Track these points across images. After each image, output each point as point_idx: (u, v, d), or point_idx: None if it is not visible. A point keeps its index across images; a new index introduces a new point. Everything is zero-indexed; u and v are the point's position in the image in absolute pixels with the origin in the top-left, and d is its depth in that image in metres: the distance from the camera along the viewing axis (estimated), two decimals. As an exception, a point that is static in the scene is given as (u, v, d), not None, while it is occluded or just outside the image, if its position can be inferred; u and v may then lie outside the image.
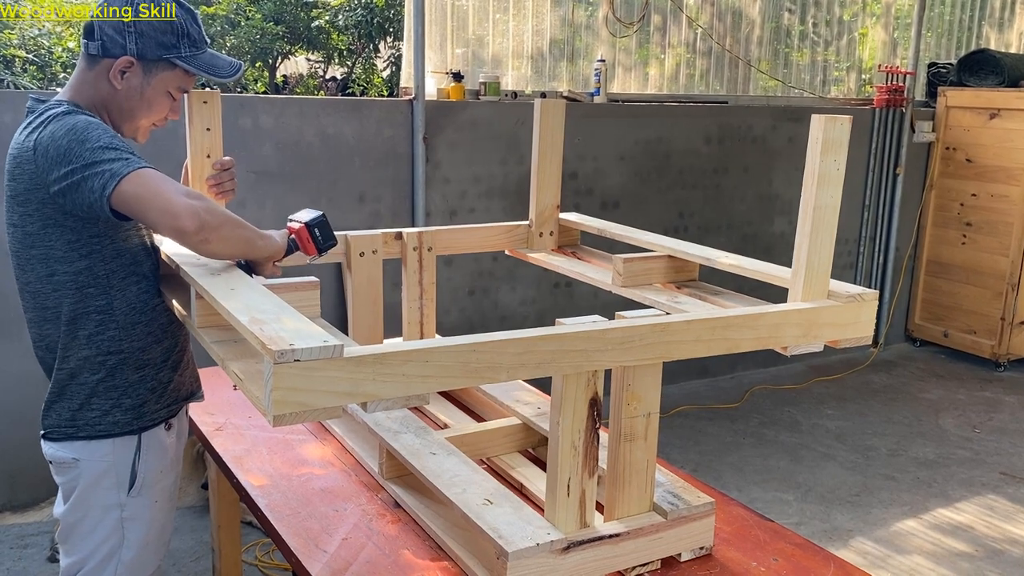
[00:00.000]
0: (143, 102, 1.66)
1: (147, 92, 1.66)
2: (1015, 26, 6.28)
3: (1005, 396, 5.03)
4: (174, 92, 1.69)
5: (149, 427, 1.73)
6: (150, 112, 1.68)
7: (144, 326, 1.69)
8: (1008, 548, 3.33)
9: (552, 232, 2.34)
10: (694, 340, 1.46)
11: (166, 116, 1.72)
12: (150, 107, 1.67)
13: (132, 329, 1.67)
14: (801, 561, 1.60)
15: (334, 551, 1.57)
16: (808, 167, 1.57)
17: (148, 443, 1.73)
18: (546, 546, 1.40)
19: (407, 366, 1.19)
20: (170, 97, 1.69)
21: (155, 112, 1.69)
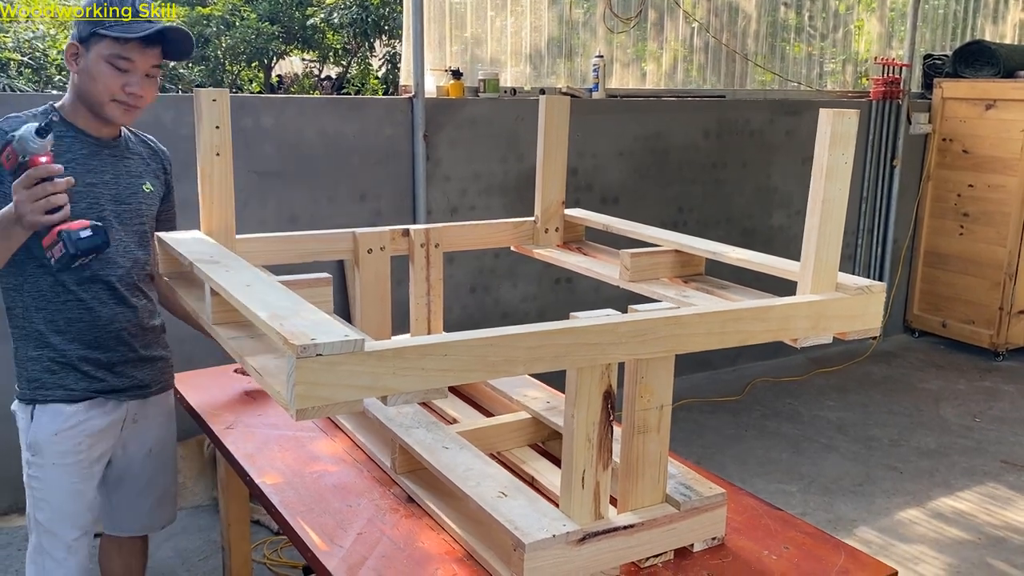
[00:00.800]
0: (90, 77, 1.83)
1: (91, 67, 1.83)
2: (1009, 17, 6.31)
3: (1004, 385, 5.06)
4: (113, 61, 1.81)
5: (42, 402, 1.95)
6: (96, 84, 1.83)
7: (47, 314, 1.92)
8: (1010, 535, 3.36)
9: (558, 228, 2.35)
10: (706, 333, 1.47)
11: (124, 88, 1.84)
12: (94, 79, 1.83)
13: (36, 313, 1.92)
14: (812, 549, 1.62)
15: (350, 546, 1.58)
16: (816, 161, 1.58)
17: (42, 412, 1.95)
18: (562, 537, 1.41)
19: (426, 360, 1.21)
20: (111, 67, 1.82)
21: (102, 84, 1.82)
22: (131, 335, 2.04)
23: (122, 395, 2.05)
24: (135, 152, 2.03)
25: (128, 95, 1.85)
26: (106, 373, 2.00)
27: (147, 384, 2.11)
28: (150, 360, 2.11)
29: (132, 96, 1.86)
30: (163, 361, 2.17)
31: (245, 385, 2.36)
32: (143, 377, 2.09)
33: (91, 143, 1.92)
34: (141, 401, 2.11)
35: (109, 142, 1.96)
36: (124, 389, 2.05)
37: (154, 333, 2.13)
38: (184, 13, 6.66)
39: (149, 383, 2.12)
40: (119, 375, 2.03)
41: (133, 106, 1.88)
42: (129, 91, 1.85)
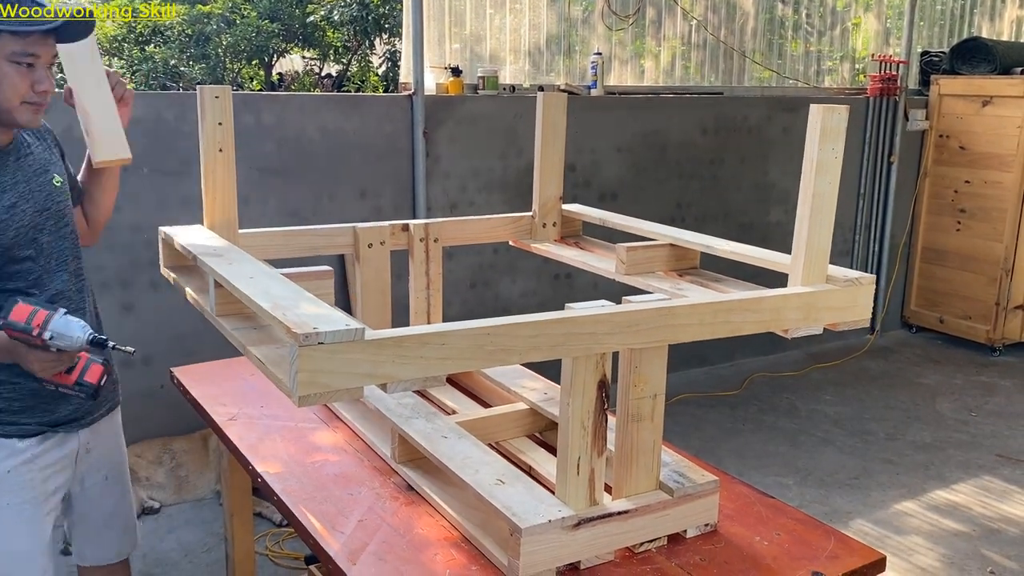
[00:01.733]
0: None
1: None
2: (1007, 14, 6.33)
3: (1001, 380, 5.10)
4: (17, 59, 1.63)
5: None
6: (3, 88, 1.64)
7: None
8: (1004, 527, 3.39)
9: (555, 223, 2.38)
10: (698, 323, 1.51)
11: (33, 88, 1.66)
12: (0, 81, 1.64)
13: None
14: (803, 535, 1.65)
15: (351, 532, 1.62)
16: (807, 155, 1.62)
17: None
18: (558, 522, 1.45)
19: (425, 349, 1.24)
20: (16, 65, 1.63)
21: (7, 86, 1.64)
22: None
23: (73, 425, 1.90)
24: (28, 143, 1.81)
25: (39, 94, 1.68)
26: (56, 404, 1.84)
27: (96, 407, 1.96)
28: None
29: (43, 95, 1.69)
30: (114, 380, 2.03)
31: (247, 377, 2.39)
32: (92, 401, 1.92)
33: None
34: (93, 427, 1.97)
35: (7, 148, 1.75)
36: (76, 419, 1.90)
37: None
38: (184, 11, 6.70)
39: (98, 405, 1.96)
40: (68, 403, 1.87)
41: (42, 105, 1.71)
42: (40, 89, 1.67)
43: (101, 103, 1.83)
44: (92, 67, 1.83)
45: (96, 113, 1.82)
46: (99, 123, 1.83)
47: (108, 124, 1.84)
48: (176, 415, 3.38)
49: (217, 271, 1.51)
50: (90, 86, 1.82)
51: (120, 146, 1.85)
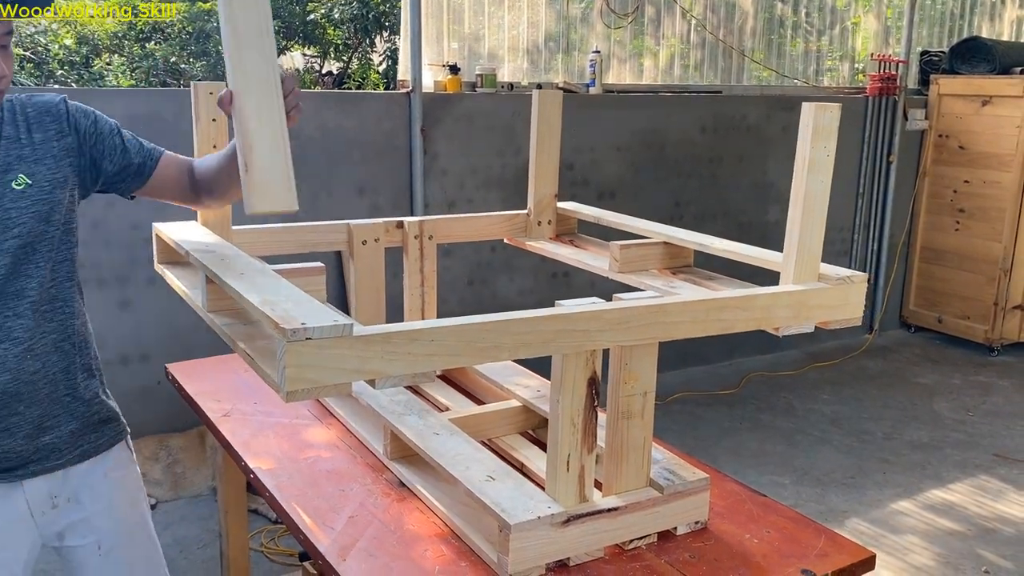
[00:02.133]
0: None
1: None
2: (1006, 15, 6.33)
3: (999, 380, 5.10)
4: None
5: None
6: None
7: None
8: (1000, 527, 3.40)
9: (550, 221, 2.39)
10: (689, 321, 1.51)
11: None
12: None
13: None
14: (793, 533, 1.66)
15: (341, 528, 1.62)
16: (799, 154, 1.62)
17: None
18: (547, 519, 1.45)
19: (413, 345, 1.24)
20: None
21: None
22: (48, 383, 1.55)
23: (8, 475, 1.54)
24: (2, 136, 1.49)
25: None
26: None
27: (57, 449, 1.58)
28: (70, 417, 1.60)
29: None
30: (96, 414, 1.65)
31: (241, 373, 2.40)
32: (51, 440, 1.57)
33: None
34: (61, 475, 1.60)
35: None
36: (11, 467, 1.55)
37: (75, 379, 1.60)
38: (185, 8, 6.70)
39: (61, 448, 1.59)
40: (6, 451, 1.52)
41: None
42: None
43: (271, 128, 1.35)
44: (264, 69, 1.36)
45: (262, 143, 1.34)
46: (264, 158, 1.34)
47: (275, 161, 1.35)
48: (173, 411, 3.39)
49: (208, 267, 1.51)
50: (260, 98, 1.34)
51: (285, 192, 1.35)
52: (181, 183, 1.68)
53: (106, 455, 1.68)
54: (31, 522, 1.59)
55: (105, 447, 1.68)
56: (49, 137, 1.52)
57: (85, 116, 1.58)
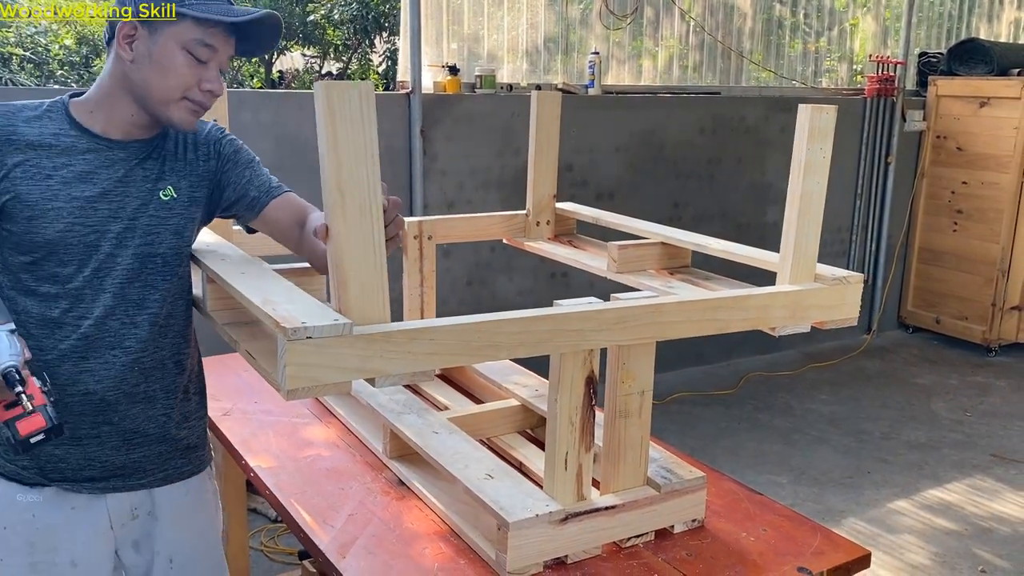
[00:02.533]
0: (155, 65, 1.42)
1: (156, 52, 1.42)
2: (1004, 16, 6.35)
3: (996, 380, 5.11)
4: (192, 49, 1.43)
5: (1, 476, 1.54)
6: (167, 76, 1.43)
7: None
8: (996, 527, 3.41)
9: (549, 221, 2.40)
10: (686, 320, 1.52)
11: (199, 84, 1.45)
12: (165, 69, 1.42)
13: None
14: (789, 532, 1.67)
15: (341, 526, 1.63)
16: (795, 155, 1.64)
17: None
18: (545, 517, 1.46)
19: (413, 343, 1.26)
20: (189, 56, 1.43)
21: (172, 75, 1.43)
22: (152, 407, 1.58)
23: (96, 484, 1.56)
24: (165, 148, 1.55)
25: (204, 93, 1.46)
26: (72, 451, 1.53)
27: (142, 468, 1.60)
28: (160, 438, 1.61)
29: (207, 95, 1.47)
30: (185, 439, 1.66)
31: (241, 373, 2.41)
32: (138, 458, 1.59)
33: (101, 145, 1.48)
34: (145, 493, 1.63)
35: (127, 144, 1.50)
36: (102, 477, 1.57)
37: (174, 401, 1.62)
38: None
39: (146, 467, 1.61)
40: (91, 459, 1.54)
41: (204, 107, 1.49)
42: (206, 87, 1.46)
43: (368, 260, 1.25)
44: (367, 197, 1.28)
45: (356, 282, 1.24)
46: (357, 298, 1.25)
47: (371, 290, 1.25)
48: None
49: (209, 266, 1.52)
50: (358, 231, 1.24)
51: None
52: (288, 231, 1.64)
53: (189, 480, 1.69)
54: (110, 534, 1.61)
55: (188, 474, 1.69)
56: (199, 157, 1.58)
57: (231, 144, 1.64)
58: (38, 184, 1.43)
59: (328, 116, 1.18)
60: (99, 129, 1.48)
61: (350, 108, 1.19)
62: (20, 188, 1.42)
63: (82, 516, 1.57)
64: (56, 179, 1.44)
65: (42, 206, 1.43)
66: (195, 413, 1.70)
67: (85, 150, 1.47)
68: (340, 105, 1.18)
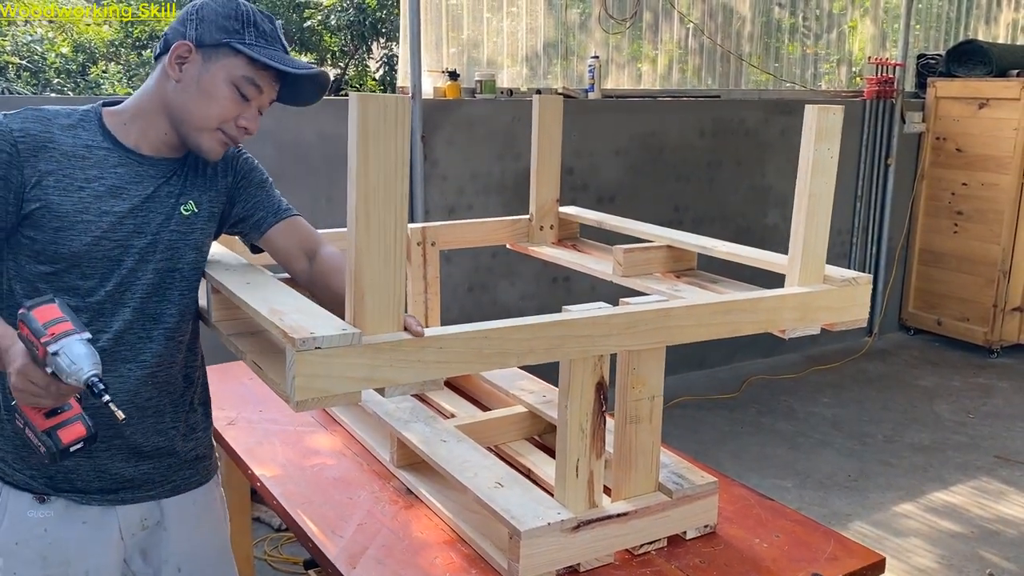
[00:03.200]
0: (200, 92, 1.44)
1: (204, 79, 1.44)
2: (1002, 18, 6.35)
3: (999, 382, 5.10)
4: (240, 85, 1.45)
5: (6, 483, 1.54)
6: (209, 104, 1.44)
7: None
8: (1002, 529, 3.40)
9: (552, 225, 2.39)
10: (696, 324, 1.51)
11: (236, 120, 1.48)
12: (209, 98, 1.44)
13: (2, 377, 1.41)
14: (802, 537, 1.65)
15: (350, 536, 1.62)
16: (802, 156, 1.62)
17: (7, 505, 1.53)
18: (557, 525, 1.45)
19: (422, 352, 1.24)
20: (235, 91, 1.45)
21: (215, 105, 1.45)
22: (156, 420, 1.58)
23: (106, 496, 1.56)
24: (187, 163, 1.56)
25: (238, 129, 1.48)
26: (83, 463, 1.53)
27: (151, 480, 1.60)
28: (169, 450, 1.61)
29: (242, 131, 1.49)
30: (192, 450, 1.67)
31: (245, 381, 2.39)
32: (148, 469, 1.59)
33: (132, 160, 1.48)
34: (154, 503, 1.63)
35: (156, 160, 1.51)
36: (111, 490, 1.57)
37: (183, 413, 1.64)
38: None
39: (155, 479, 1.61)
40: (102, 471, 1.54)
41: (235, 142, 1.51)
42: (242, 124, 1.48)
43: (388, 274, 1.29)
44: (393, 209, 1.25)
45: (374, 289, 1.27)
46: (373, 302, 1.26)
47: (387, 305, 1.28)
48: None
49: (214, 276, 1.51)
50: (379, 244, 1.26)
51: None
52: (291, 256, 1.65)
53: (197, 489, 1.70)
54: (120, 544, 1.61)
55: (195, 484, 1.69)
56: (217, 173, 1.59)
57: (247, 163, 1.66)
58: (70, 195, 1.42)
59: (361, 128, 1.17)
60: (132, 143, 1.49)
61: (384, 122, 1.18)
62: (51, 198, 1.41)
63: (93, 529, 1.56)
64: (88, 192, 1.43)
65: (72, 218, 1.41)
66: (201, 424, 1.70)
67: (116, 164, 1.47)
68: (374, 118, 1.17)
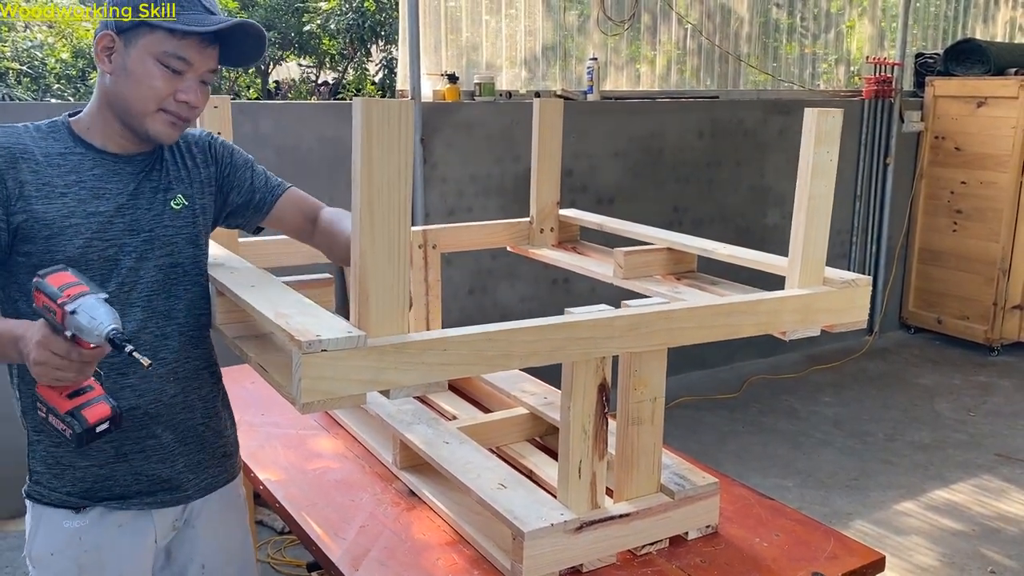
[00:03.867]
0: (130, 77, 1.41)
1: (130, 63, 1.40)
2: (1000, 17, 6.36)
3: (999, 380, 5.11)
4: (165, 60, 1.40)
5: (43, 503, 1.52)
6: (141, 87, 1.41)
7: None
8: (1003, 527, 3.40)
9: (552, 228, 2.40)
10: (697, 326, 1.52)
11: (174, 95, 1.43)
12: (139, 82, 1.40)
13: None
14: (802, 536, 1.66)
15: (353, 538, 1.63)
16: (802, 159, 1.63)
17: (41, 518, 1.53)
18: (560, 526, 1.46)
19: (426, 355, 1.25)
20: (162, 67, 1.40)
21: (146, 87, 1.41)
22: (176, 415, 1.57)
23: (144, 499, 1.55)
24: (163, 159, 1.54)
25: (179, 104, 1.44)
26: (100, 470, 1.51)
27: (186, 480, 1.59)
28: (199, 447, 1.61)
29: (183, 106, 1.44)
30: (222, 447, 1.67)
31: (247, 385, 2.40)
32: (182, 468, 1.58)
33: (107, 160, 1.48)
34: (183, 506, 1.62)
35: (132, 157, 1.50)
36: (149, 492, 1.56)
37: (212, 409, 1.64)
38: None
39: (189, 478, 1.60)
40: (139, 473, 1.53)
41: (183, 118, 1.46)
42: (182, 98, 1.43)
43: (391, 277, 1.30)
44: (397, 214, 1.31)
45: (378, 292, 1.29)
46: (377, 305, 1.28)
47: (392, 307, 1.29)
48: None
49: (219, 279, 1.52)
50: (383, 248, 1.28)
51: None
52: (298, 226, 1.70)
53: (224, 488, 1.69)
54: (154, 548, 1.61)
55: (223, 482, 1.68)
56: (197, 164, 1.58)
57: (224, 147, 1.64)
58: (53, 202, 1.42)
59: (365, 133, 1.18)
60: (99, 144, 1.48)
61: (388, 126, 1.19)
62: (35, 207, 1.40)
63: (129, 534, 1.56)
64: (71, 196, 1.43)
65: (60, 223, 1.41)
66: (228, 420, 1.72)
67: (92, 166, 1.46)
68: (379, 122, 1.18)
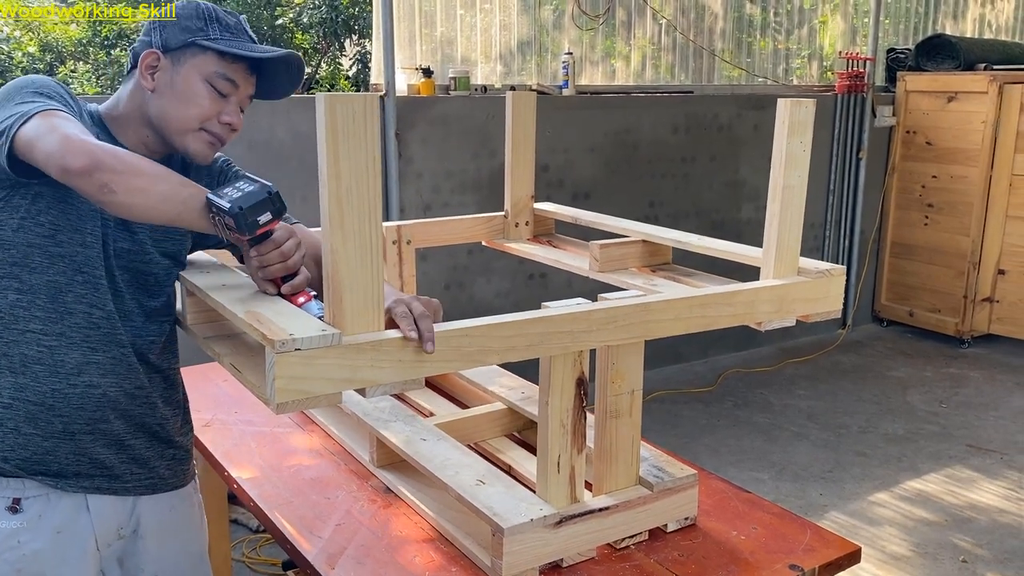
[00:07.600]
0: (176, 95, 1.44)
1: (177, 82, 1.44)
2: (969, 13, 6.44)
3: (970, 372, 5.18)
4: (214, 81, 1.45)
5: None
6: (187, 106, 1.44)
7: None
8: (974, 516, 3.45)
9: (528, 222, 2.39)
10: (674, 318, 1.52)
11: (218, 117, 1.47)
12: (185, 100, 1.44)
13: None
14: (779, 529, 1.67)
15: (329, 536, 1.61)
16: (775, 149, 1.64)
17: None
18: (539, 521, 1.45)
19: (403, 352, 1.24)
20: (210, 88, 1.45)
21: (193, 105, 1.44)
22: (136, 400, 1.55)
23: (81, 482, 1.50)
24: (166, 163, 1.53)
25: (222, 126, 1.48)
26: (63, 444, 1.46)
27: (129, 471, 1.56)
28: (149, 443, 1.58)
29: (226, 128, 1.48)
30: (172, 451, 1.65)
31: (220, 383, 2.37)
32: (127, 459, 1.55)
33: None
34: (130, 502, 1.58)
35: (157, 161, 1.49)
36: (88, 475, 1.50)
37: (172, 411, 1.64)
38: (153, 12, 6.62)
39: (133, 470, 1.56)
40: (81, 454, 1.48)
41: (222, 140, 1.50)
42: (225, 120, 1.47)
43: (365, 274, 1.26)
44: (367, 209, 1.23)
45: (351, 290, 1.26)
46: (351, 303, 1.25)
47: (365, 305, 1.27)
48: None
49: (189, 279, 1.49)
50: (354, 245, 1.24)
51: None
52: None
53: (174, 492, 1.67)
54: (96, 555, 1.56)
55: (169, 487, 1.65)
56: (201, 178, 1.59)
57: (224, 163, 1.70)
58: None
59: (330, 128, 1.16)
60: (131, 147, 1.48)
61: (353, 121, 1.16)
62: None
63: (68, 538, 1.51)
64: None
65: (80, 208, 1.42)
66: (185, 424, 1.71)
67: None
68: (343, 117, 1.16)
